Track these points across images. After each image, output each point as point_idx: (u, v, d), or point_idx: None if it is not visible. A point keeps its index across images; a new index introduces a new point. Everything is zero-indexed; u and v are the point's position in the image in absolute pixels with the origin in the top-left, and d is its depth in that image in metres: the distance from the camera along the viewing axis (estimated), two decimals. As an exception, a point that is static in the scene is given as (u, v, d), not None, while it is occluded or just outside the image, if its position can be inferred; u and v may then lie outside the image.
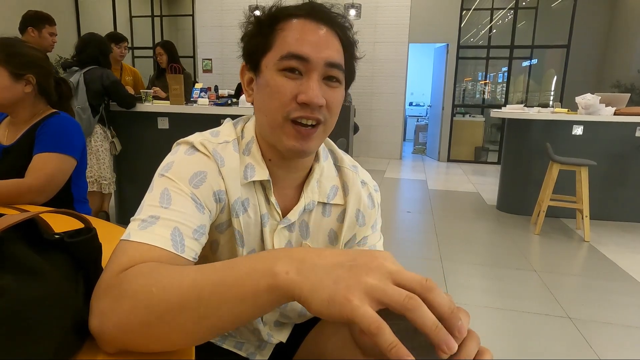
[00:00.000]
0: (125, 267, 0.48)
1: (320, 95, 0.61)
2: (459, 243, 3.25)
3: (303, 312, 0.79)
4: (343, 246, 0.77)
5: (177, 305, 0.42)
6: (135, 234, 0.52)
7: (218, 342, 0.81)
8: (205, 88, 3.51)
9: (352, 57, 0.68)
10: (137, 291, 0.44)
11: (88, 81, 2.71)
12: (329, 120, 0.65)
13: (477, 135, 7.63)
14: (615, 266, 2.81)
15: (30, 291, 0.41)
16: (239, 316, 0.42)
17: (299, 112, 0.61)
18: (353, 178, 0.76)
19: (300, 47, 0.60)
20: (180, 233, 0.54)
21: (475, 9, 7.57)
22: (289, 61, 0.60)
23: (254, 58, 0.66)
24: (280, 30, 0.63)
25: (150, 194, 0.58)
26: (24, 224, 0.47)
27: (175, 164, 0.61)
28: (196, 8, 7.59)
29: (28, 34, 2.75)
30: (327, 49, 0.61)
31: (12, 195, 1.20)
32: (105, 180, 2.89)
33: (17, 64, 1.31)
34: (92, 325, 0.45)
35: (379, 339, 0.34)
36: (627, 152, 3.70)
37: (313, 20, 0.63)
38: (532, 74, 7.65)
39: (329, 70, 0.62)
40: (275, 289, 0.40)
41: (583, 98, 3.62)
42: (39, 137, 1.34)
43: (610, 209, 3.83)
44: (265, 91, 0.63)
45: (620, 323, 2.08)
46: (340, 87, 0.65)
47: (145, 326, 0.42)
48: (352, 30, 0.67)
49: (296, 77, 0.61)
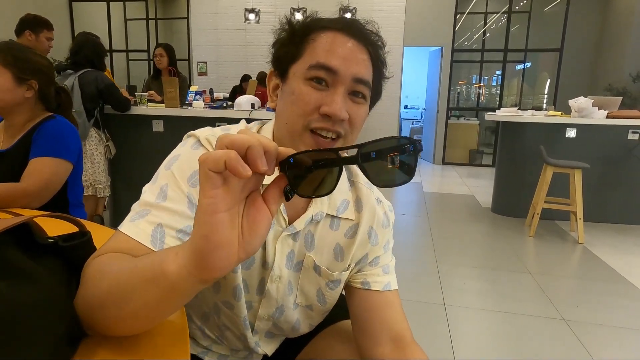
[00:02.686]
0: (101, 253, 0.52)
1: (344, 109, 0.60)
2: (454, 245, 3.26)
3: (296, 327, 0.78)
4: (353, 265, 0.75)
5: (105, 294, 0.44)
6: (125, 225, 0.56)
7: (201, 355, 0.80)
8: (200, 91, 3.50)
9: (381, 76, 0.67)
10: (89, 278, 0.48)
11: (83, 84, 2.69)
12: (350, 136, 0.64)
13: (471, 138, 7.67)
14: (608, 268, 2.83)
15: (24, 296, 0.41)
16: (148, 302, 0.42)
17: (319, 123, 0.61)
18: (367, 194, 0.75)
19: (330, 58, 0.60)
20: (162, 230, 0.55)
21: (469, 12, 7.63)
22: (317, 71, 0.60)
23: (282, 65, 0.65)
24: (312, 41, 0.63)
25: (153, 185, 0.60)
26: (17, 228, 0.46)
27: (180, 159, 0.62)
28: (191, 11, 7.58)
29: (25, 37, 2.73)
30: (356, 64, 0.61)
31: (6, 199, 1.19)
32: (100, 184, 2.88)
33: (22, 68, 1.32)
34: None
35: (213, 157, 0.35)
36: (619, 154, 3.73)
37: (346, 34, 0.62)
38: (525, 77, 7.71)
39: (356, 85, 0.62)
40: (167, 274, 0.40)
41: (576, 101, 3.66)
42: (36, 142, 1.33)
43: (604, 211, 3.86)
44: (289, 98, 0.63)
45: (614, 325, 2.09)
46: (365, 104, 0.65)
47: (92, 309, 0.46)
48: (384, 49, 0.66)
49: (322, 88, 0.61)
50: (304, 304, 0.76)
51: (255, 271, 0.71)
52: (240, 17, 6.53)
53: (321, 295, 0.75)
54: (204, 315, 0.75)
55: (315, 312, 0.77)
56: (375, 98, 0.68)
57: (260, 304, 0.73)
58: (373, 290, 0.74)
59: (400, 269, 0.57)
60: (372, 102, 0.68)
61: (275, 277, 0.70)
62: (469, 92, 8.59)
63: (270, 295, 0.72)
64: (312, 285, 0.74)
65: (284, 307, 0.74)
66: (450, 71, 7.34)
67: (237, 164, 0.34)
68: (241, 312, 0.71)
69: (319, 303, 0.76)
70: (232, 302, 0.70)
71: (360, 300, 0.74)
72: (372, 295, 0.73)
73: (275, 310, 0.74)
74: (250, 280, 0.71)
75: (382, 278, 0.74)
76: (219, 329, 0.76)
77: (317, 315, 0.79)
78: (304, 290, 0.74)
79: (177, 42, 8.48)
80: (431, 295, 2.33)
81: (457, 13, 7.15)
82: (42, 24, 2.79)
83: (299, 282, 0.74)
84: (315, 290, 0.75)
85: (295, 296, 0.74)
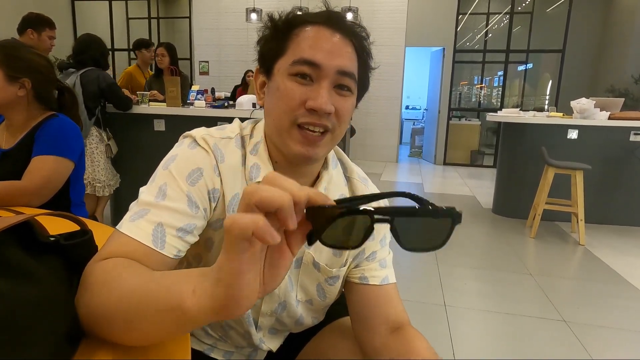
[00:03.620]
0: (104, 257, 0.51)
1: (329, 103, 0.60)
2: (455, 246, 3.25)
3: (300, 321, 0.78)
4: (351, 260, 0.75)
5: (113, 309, 0.44)
6: (124, 225, 0.56)
7: (206, 351, 0.80)
8: (201, 90, 3.51)
9: (366, 67, 0.67)
10: (94, 284, 0.47)
11: (85, 83, 2.70)
12: (338, 129, 0.64)
13: (473, 138, 7.65)
14: (609, 269, 2.82)
15: (25, 295, 0.41)
16: (161, 329, 0.42)
17: (306, 118, 0.61)
18: (363, 190, 0.76)
19: (313, 53, 0.60)
20: (163, 230, 0.55)
21: (471, 13, 7.61)
22: (301, 66, 0.60)
23: (267, 62, 0.66)
24: (295, 36, 0.63)
25: (151, 185, 0.60)
26: (18, 227, 0.46)
27: (178, 158, 0.63)
28: (193, 10, 7.59)
29: (27, 35, 2.75)
30: (339, 57, 0.61)
31: (6, 197, 1.19)
32: (100, 182, 2.88)
33: (14, 66, 1.31)
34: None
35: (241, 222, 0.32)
36: (621, 156, 3.72)
37: (328, 27, 0.62)
38: (527, 78, 7.70)
39: (340, 78, 0.62)
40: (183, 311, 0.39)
41: (578, 102, 3.65)
42: (38, 140, 1.33)
43: (605, 212, 3.85)
44: (275, 95, 0.63)
45: (614, 326, 2.09)
46: (352, 96, 0.65)
47: (97, 320, 0.46)
48: (369, 40, 0.66)
49: (307, 83, 0.61)
50: (304, 299, 0.76)
51: None
52: (242, 16, 6.53)
53: (321, 290, 0.76)
54: None
55: (315, 306, 0.78)
56: (362, 90, 0.68)
57: (263, 300, 0.73)
58: (371, 284, 0.74)
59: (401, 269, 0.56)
60: (360, 95, 0.68)
61: None
62: (471, 93, 8.58)
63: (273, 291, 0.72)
64: (312, 281, 0.75)
65: (286, 302, 0.74)
66: (452, 72, 7.33)
67: (266, 233, 0.32)
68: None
69: (319, 298, 0.77)
70: None
71: (359, 295, 0.75)
72: (371, 289, 0.74)
73: (277, 305, 0.74)
74: None
75: (379, 272, 0.75)
76: (222, 329, 0.77)
77: (318, 308, 0.79)
78: (303, 286, 0.75)
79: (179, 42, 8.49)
80: (432, 296, 2.33)
81: (459, 13, 7.14)
82: (45, 23, 2.81)
83: (298, 279, 0.74)
84: (315, 286, 0.75)
85: (296, 293, 0.75)
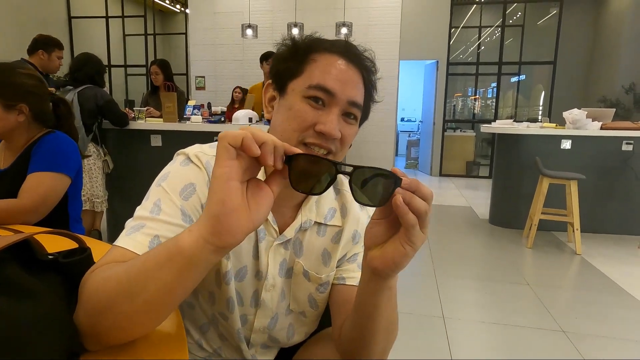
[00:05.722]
0: (99, 267, 0.53)
1: (337, 129, 0.64)
2: (452, 257, 3.25)
3: (291, 336, 0.79)
4: (335, 264, 0.78)
5: (114, 291, 0.46)
6: (121, 239, 0.57)
7: None
8: (198, 105, 3.53)
9: (370, 99, 0.72)
10: (90, 289, 0.48)
11: (82, 101, 2.71)
12: (339, 153, 0.68)
13: (468, 149, 7.71)
14: (606, 278, 2.83)
15: (24, 312, 0.41)
16: (165, 285, 0.44)
17: (313, 139, 0.65)
18: (352, 201, 0.79)
19: (330, 81, 0.64)
20: (159, 242, 0.57)
21: (463, 26, 7.75)
22: (316, 91, 0.64)
23: (282, 79, 0.69)
24: (313, 61, 0.67)
25: (146, 202, 0.62)
26: (17, 245, 0.47)
27: (171, 175, 0.65)
28: (189, 27, 7.66)
29: (38, 55, 2.93)
30: (352, 89, 0.66)
31: (3, 215, 1.18)
32: (98, 198, 2.88)
33: (9, 94, 1.29)
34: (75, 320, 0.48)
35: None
36: (614, 165, 3.76)
37: (345, 59, 0.67)
38: (520, 89, 7.80)
39: (350, 107, 0.66)
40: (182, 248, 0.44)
41: (570, 113, 3.70)
42: (34, 157, 1.33)
43: (600, 221, 3.87)
44: (287, 113, 0.67)
45: (613, 335, 2.08)
46: (356, 124, 0.70)
47: (97, 315, 0.46)
48: (376, 75, 0.73)
49: (319, 107, 0.65)
50: (297, 310, 0.78)
51: (248, 283, 0.73)
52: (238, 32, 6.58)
53: (313, 301, 0.78)
54: (203, 327, 0.76)
55: (308, 319, 0.80)
56: (364, 118, 0.73)
57: (256, 315, 0.75)
58: (348, 285, 0.76)
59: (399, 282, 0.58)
60: (361, 122, 0.73)
61: (269, 285, 0.73)
62: (465, 105, 8.66)
63: (266, 305, 0.74)
64: (304, 292, 0.77)
65: (278, 315, 0.76)
66: (446, 84, 7.41)
67: (252, 144, 0.42)
68: (235, 324, 0.73)
69: (311, 308, 0.78)
70: (227, 314, 0.72)
71: (336, 295, 0.77)
72: (346, 289, 0.76)
73: (270, 320, 0.75)
74: (243, 292, 0.73)
75: (357, 274, 0.77)
76: (219, 339, 0.77)
77: (310, 321, 0.80)
78: (295, 296, 0.77)
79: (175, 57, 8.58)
80: (429, 308, 2.33)
81: (451, 27, 7.25)
82: (54, 44, 3.00)
83: (291, 289, 0.76)
84: (306, 297, 0.77)
85: (288, 302, 0.77)
